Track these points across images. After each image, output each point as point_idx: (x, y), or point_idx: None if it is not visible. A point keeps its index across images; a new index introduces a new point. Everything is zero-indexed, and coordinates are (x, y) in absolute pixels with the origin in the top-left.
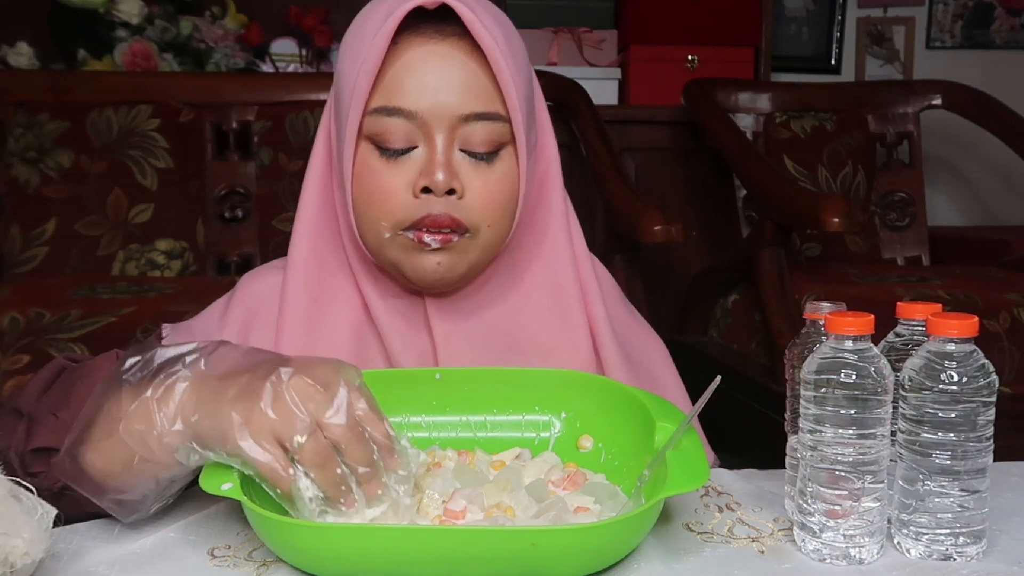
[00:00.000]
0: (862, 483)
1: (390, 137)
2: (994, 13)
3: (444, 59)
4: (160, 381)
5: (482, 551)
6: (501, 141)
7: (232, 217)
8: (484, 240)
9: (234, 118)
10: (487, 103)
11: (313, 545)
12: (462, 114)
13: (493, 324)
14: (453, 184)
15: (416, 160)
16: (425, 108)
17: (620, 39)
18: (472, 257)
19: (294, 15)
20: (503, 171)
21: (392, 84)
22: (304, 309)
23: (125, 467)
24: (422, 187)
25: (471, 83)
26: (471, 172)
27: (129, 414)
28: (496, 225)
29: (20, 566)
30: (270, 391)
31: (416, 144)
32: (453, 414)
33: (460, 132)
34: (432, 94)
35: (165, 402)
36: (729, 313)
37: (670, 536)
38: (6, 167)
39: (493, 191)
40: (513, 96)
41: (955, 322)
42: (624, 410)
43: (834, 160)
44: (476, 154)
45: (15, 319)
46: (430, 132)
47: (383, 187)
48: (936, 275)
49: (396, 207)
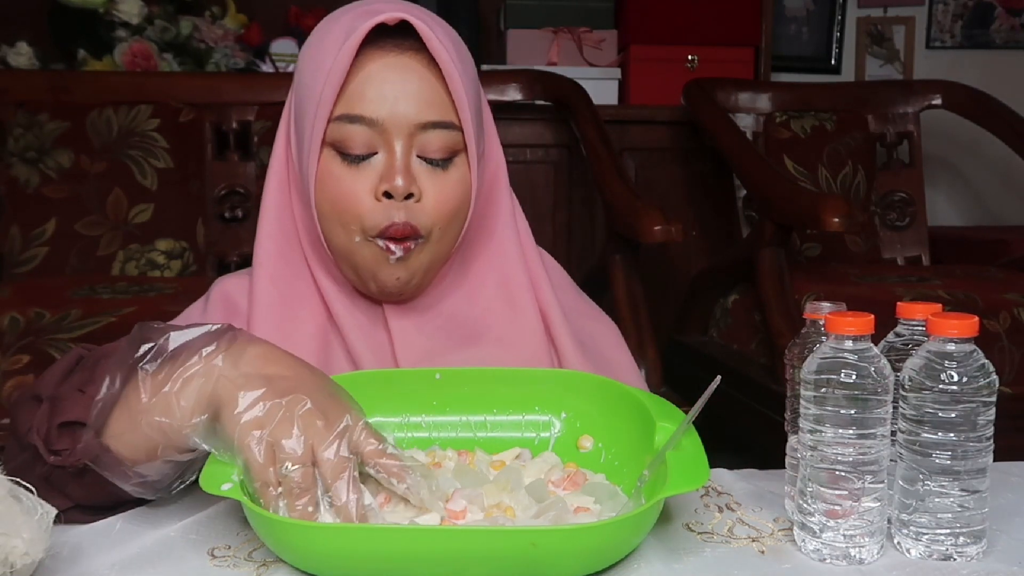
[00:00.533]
0: (862, 483)
1: (352, 143)
2: (994, 13)
3: (403, 71)
4: (179, 375)
5: (482, 551)
6: (455, 148)
7: (232, 217)
8: (434, 245)
9: (234, 118)
10: (442, 112)
11: (313, 545)
12: (419, 122)
13: (447, 317)
14: (411, 189)
15: (376, 166)
16: (385, 116)
17: (620, 39)
18: (425, 262)
19: (294, 15)
20: (457, 177)
21: (354, 94)
22: (274, 306)
23: (149, 455)
24: (383, 191)
25: (427, 94)
26: (427, 177)
27: (150, 408)
28: (447, 230)
29: (20, 566)
30: (282, 413)
31: (376, 150)
32: (453, 414)
33: (417, 139)
34: (391, 103)
35: (183, 395)
36: (729, 313)
37: (670, 536)
38: (6, 167)
39: (447, 196)
40: (465, 107)
41: (955, 322)
42: (624, 410)
43: (834, 160)
44: (432, 160)
45: (15, 319)
46: (389, 139)
47: (347, 192)
48: (936, 275)
49: (363, 212)
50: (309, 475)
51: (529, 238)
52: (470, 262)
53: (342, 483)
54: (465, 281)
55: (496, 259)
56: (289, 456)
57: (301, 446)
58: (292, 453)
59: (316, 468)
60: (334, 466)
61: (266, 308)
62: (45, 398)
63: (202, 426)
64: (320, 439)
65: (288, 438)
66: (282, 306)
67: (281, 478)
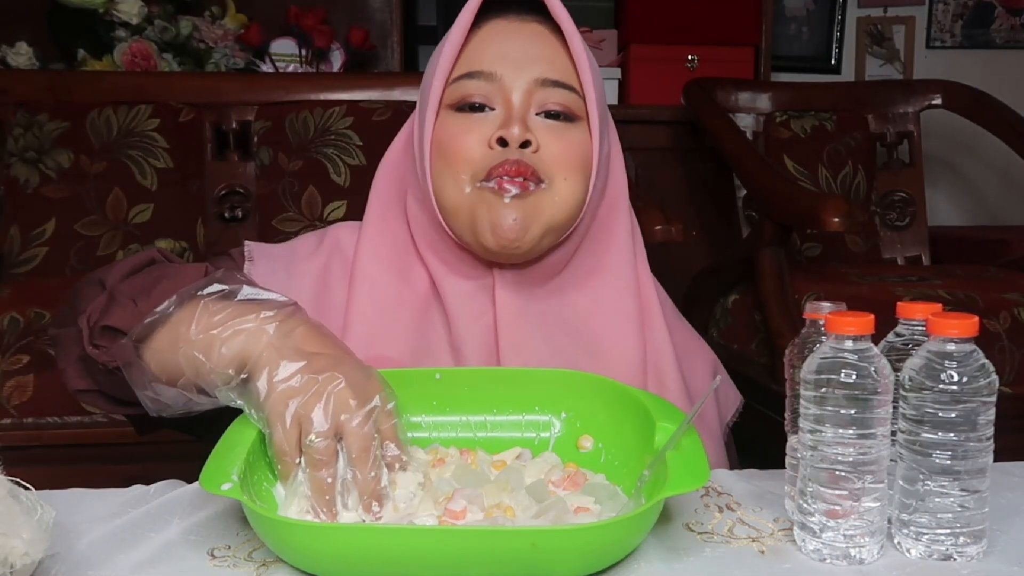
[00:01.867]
0: (862, 483)
1: (469, 97)
2: (994, 13)
3: (524, 34)
4: (231, 324)
5: (482, 551)
6: (575, 111)
7: (232, 217)
8: (560, 195)
9: (234, 118)
10: (563, 74)
11: (313, 545)
12: (539, 78)
13: (558, 311)
14: (528, 136)
15: (493, 119)
16: (504, 71)
17: (620, 39)
18: (546, 215)
19: (294, 15)
20: (579, 136)
21: (473, 54)
22: (373, 276)
23: (171, 380)
24: (498, 138)
25: (550, 55)
26: (546, 131)
27: (194, 341)
28: (572, 179)
29: (20, 566)
30: (315, 389)
31: (495, 106)
32: (453, 414)
33: (537, 96)
34: (511, 60)
35: (227, 344)
36: (729, 313)
37: (670, 536)
38: (6, 167)
39: (568, 148)
40: (588, 77)
41: (955, 322)
42: (624, 410)
43: (834, 160)
44: (552, 113)
45: (15, 319)
46: (507, 94)
47: (461, 141)
48: (936, 275)
49: (474, 158)
50: (332, 448)
51: (645, 266)
52: (586, 268)
53: (365, 458)
54: (580, 286)
55: (609, 274)
56: (315, 428)
57: (328, 420)
58: (319, 425)
59: (342, 443)
60: (359, 440)
61: (368, 280)
62: (106, 289)
63: (232, 381)
64: (349, 415)
65: (317, 411)
66: (383, 279)
67: (305, 448)
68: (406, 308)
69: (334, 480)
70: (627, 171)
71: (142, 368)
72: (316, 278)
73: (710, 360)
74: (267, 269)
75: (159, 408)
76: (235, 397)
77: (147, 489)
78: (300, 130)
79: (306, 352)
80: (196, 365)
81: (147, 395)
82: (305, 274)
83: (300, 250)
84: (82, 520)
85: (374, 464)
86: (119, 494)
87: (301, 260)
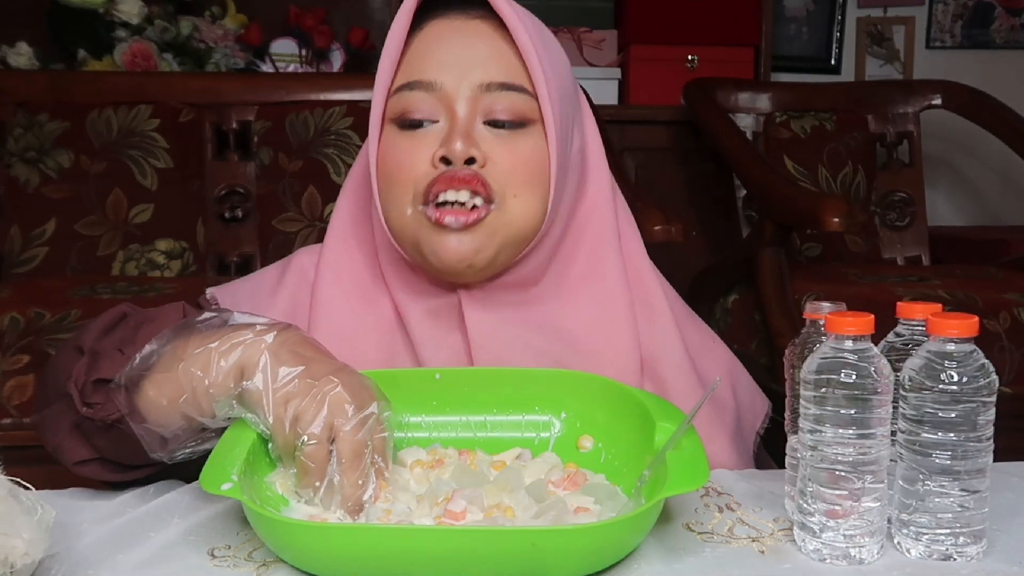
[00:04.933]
0: (862, 483)
1: (411, 111)
2: (994, 13)
3: (466, 34)
4: (228, 338)
5: (482, 551)
6: (526, 115)
7: (232, 217)
8: (512, 214)
9: (234, 118)
10: (510, 75)
11: (313, 545)
12: (484, 83)
13: (540, 322)
14: (472, 152)
15: (437, 133)
16: (446, 79)
17: (620, 39)
18: (500, 236)
19: (294, 15)
20: (531, 145)
21: (414, 61)
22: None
23: (171, 402)
24: (440, 156)
25: (494, 55)
26: (494, 143)
27: (191, 357)
28: (523, 197)
29: (20, 566)
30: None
31: (438, 119)
32: (453, 414)
33: (482, 102)
34: (453, 66)
35: (225, 356)
36: (729, 313)
37: (670, 536)
38: (6, 167)
39: (518, 161)
40: (540, 74)
41: (955, 322)
42: (624, 410)
43: (834, 160)
44: (500, 123)
45: (15, 319)
46: (451, 104)
47: (404, 158)
48: (936, 275)
49: (417, 179)
50: (323, 452)
51: (645, 260)
52: (569, 274)
53: (356, 464)
54: (558, 287)
55: (596, 277)
56: (308, 431)
57: (321, 423)
58: (313, 428)
59: (335, 447)
60: (351, 446)
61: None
62: (86, 351)
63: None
64: (344, 420)
65: (310, 414)
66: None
67: (296, 451)
68: (371, 334)
69: (321, 484)
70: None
71: (136, 404)
72: (281, 314)
73: (724, 361)
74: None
75: (167, 451)
76: (235, 404)
77: (147, 489)
78: (300, 130)
79: (304, 357)
80: (192, 384)
81: (144, 430)
82: (271, 309)
83: (264, 284)
84: (82, 520)
85: (363, 472)
86: (119, 494)
87: (265, 295)
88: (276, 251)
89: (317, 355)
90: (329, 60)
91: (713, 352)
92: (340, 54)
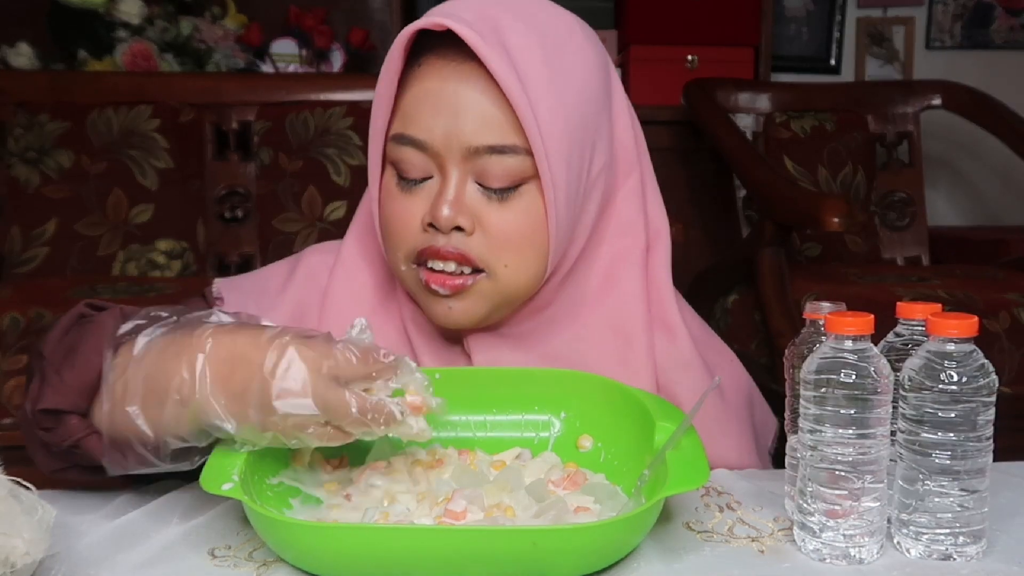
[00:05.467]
0: (862, 483)
1: (407, 167)
2: (994, 13)
3: (460, 85)
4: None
5: (483, 551)
6: (521, 176)
7: (232, 217)
8: (504, 282)
9: (234, 118)
10: (502, 135)
11: (313, 545)
12: (473, 146)
13: (544, 349)
14: (459, 221)
15: (431, 190)
16: (437, 139)
17: (620, 39)
18: (492, 301)
19: (294, 15)
20: (523, 207)
21: (410, 110)
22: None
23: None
24: (428, 223)
25: (486, 113)
26: (485, 208)
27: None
28: (515, 265)
29: (20, 566)
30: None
31: (431, 175)
32: (453, 414)
33: (474, 165)
34: (444, 125)
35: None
36: (729, 313)
37: (670, 535)
38: (6, 167)
39: (508, 228)
40: (534, 127)
41: (955, 322)
42: (623, 410)
43: (834, 160)
44: (491, 189)
45: (15, 319)
46: (443, 164)
47: (398, 216)
48: (936, 275)
49: (408, 237)
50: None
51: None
52: (582, 286)
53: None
54: (572, 321)
55: (615, 292)
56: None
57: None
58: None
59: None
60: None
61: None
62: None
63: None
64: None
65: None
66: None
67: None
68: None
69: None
70: None
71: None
72: (288, 314)
73: (743, 383)
74: (238, 305)
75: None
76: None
77: (147, 489)
78: (300, 130)
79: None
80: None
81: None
82: (276, 308)
83: (271, 281)
84: (82, 520)
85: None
86: (119, 494)
87: (273, 294)
88: (276, 251)
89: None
90: (329, 60)
91: (730, 373)
92: (340, 54)
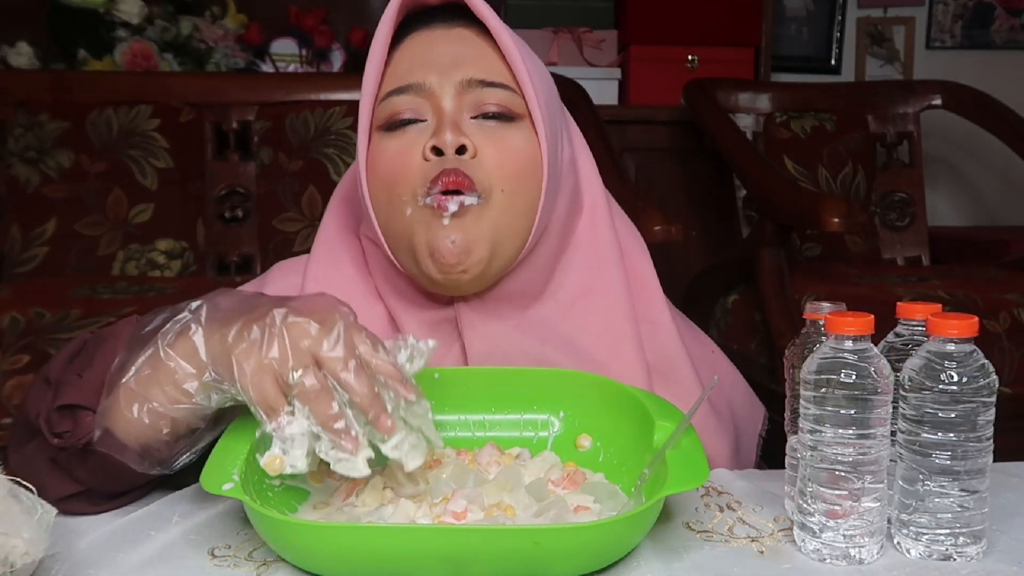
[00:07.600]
0: (862, 483)
1: (398, 112)
2: (994, 13)
3: (450, 40)
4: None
5: (484, 550)
6: (515, 110)
7: (232, 217)
8: (499, 208)
9: (234, 118)
10: (495, 74)
11: (313, 545)
12: (468, 79)
13: (536, 328)
14: (463, 141)
15: (425, 130)
16: (430, 78)
17: (620, 39)
18: (488, 233)
19: (294, 15)
20: (521, 138)
21: (398, 69)
22: None
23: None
24: (432, 147)
25: (478, 56)
26: (483, 135)
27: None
28: (512, 191)
29: (20, 566)
30: (266, 332)
31: (425, 117)
32: (452, 413)
33: (468, 98)
34: (437, 66)
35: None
36: (729, 313)
37: (670, 535)
38: (6, 167)
39: (507, 153)
40: (524, 73)
41: (955, 322)
42: (622, 409)
43: (834, 160)
44: (489, 115)
45: (15, 319)
46: (437, 102)
47: (396, 160)
48: (936, 275)
49: (411, 175)
50: (320, 376)
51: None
52: (571, 290)
53: (349, 375)
54: (558, 290)
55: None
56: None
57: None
58: (285, 363)
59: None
60: (336, 361)
61: None
62: (51, 382)
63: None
64: (316, 342)
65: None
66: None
67: (294, 388)
68: None
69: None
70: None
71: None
72: None
73: (726, 373)
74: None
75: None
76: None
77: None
78: (300, 130)
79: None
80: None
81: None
82: None
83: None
84: (82, 520)
85: (368, 383)
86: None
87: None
88: (276, 251)
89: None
90: (329, 60)
91: (714, 365)
92: (340, 54)
